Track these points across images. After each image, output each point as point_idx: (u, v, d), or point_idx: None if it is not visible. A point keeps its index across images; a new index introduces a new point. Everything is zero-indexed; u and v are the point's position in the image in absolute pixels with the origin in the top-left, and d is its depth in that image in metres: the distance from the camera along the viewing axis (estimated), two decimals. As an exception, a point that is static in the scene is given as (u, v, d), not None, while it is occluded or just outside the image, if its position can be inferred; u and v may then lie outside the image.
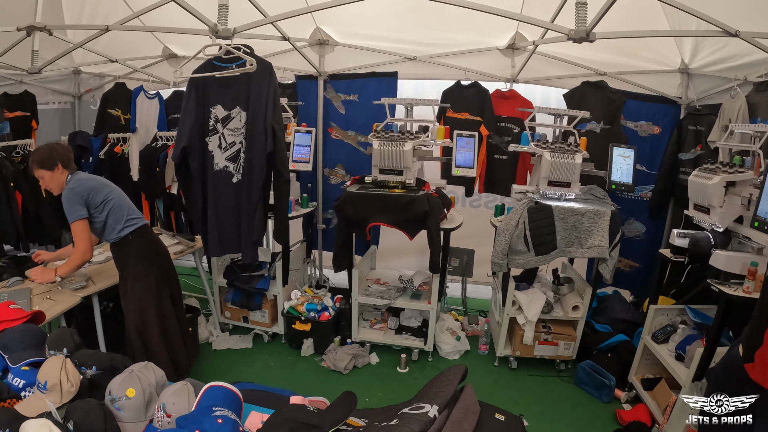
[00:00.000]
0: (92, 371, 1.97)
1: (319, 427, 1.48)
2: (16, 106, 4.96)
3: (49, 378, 1.85)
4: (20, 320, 2.33)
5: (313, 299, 4.17)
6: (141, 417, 1.78)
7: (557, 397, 3.60)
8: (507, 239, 3.52)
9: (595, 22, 2.53)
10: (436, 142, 3.88)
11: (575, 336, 3.77)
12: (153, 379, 1.86)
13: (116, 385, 1.80)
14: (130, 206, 3.11)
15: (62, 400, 1.82)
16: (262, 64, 3.20)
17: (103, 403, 1.77)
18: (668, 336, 3.25)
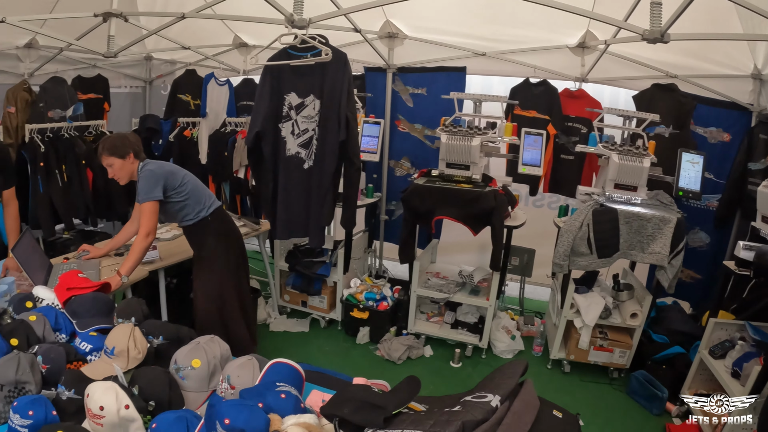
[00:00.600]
0: (159, 340, 2.03)
1: (383, 407, 1.49)
2: (90, 88, 5.16)
3: (117, 344, 1.91)
4: (89, 289, 2.43)
5: (373, 288, 4.22)
6: (204, 387, 1.83)
7: (607, 405, 3.53)
8: (570, 240, 3.47)
9: (671, 23, 2.46)
10: (503, 139, 3.84)
11: (631, 344, 3.68)
12: (218, 352, 1.90)
13: (182, 355, 1.86)
14: (206, 189, 3.20)
15: (128, 366, 1.87)
16: (337, 54, 3.23)
17: (168, 371, 1.82)
18: (726, 352, 3.13)
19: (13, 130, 4.42)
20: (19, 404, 1.55)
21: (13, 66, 4.61)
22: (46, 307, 2.27)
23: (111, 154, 2.89)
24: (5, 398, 1.66)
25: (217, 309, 3.14)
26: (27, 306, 2.27)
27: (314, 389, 1.87)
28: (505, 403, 1.48)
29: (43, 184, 4.21)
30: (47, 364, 1.79)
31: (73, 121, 4.58)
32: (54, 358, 1.82)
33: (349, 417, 1.46)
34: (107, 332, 2.05)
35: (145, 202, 2.87)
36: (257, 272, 5.06)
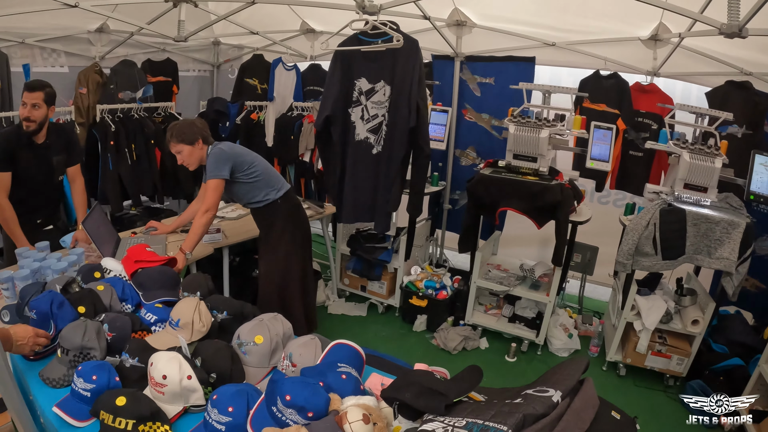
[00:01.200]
0: (223, 315, 2.06)
1: (444, 394, 1.48)
2: (159, 71, 5.32)
3: (183, 316, 1.95)
4: (156, 263, 2.49)
5: (433, 277, 4.21)
6: (264, 363, 1.84)
7: (660, 412, 3.43)
8: (635, 239, 3.36)
9: (749, 17, 2.34)
10: (572, 132, 3.74)
11: (690, 352, 3.54)
12: (281, 330, 1.92)
13: (246, 330, 1.88)
14: (276, 173, 3.24)
15: (192, 338, 1.90)
16: (408, 41, 3.22)
17: (230, 346, 1.85)
18: None
19: (84, 110, 4.60)
20: (83, 369, 1.61)
21: (85, 49, 4.78)
22: (113, 278, 2.34)
23: (180, 141, 2.93)
24: (70, 362, 1.73)
25: (278, 291, 3.19)
26: (95, 276, 2.35)
27: (374, 372, 1.88)
28: (565, 400, 1.45)
29: (113, 161, 4.38)
30: (113, 332, 1.85)
31: (142, 103, 4.74)
32: (119, 326, 1.87)
33: (411, 402, 1.46)
34: (172, 305, 2.11)
35: (210, 179, 2.91)
36: (318, 255, 5.12)
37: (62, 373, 1.73)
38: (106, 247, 2.90)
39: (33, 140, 2.99)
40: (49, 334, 1.87)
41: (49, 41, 4.50)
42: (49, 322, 1.90)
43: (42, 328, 1.88)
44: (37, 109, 2.91)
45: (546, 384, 1.55)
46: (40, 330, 1.84)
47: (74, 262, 2.51)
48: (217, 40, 5.77)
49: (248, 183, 3.05)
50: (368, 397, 1.56)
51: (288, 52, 5.05)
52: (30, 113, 2.89)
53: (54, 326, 1.89)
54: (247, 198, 3.15)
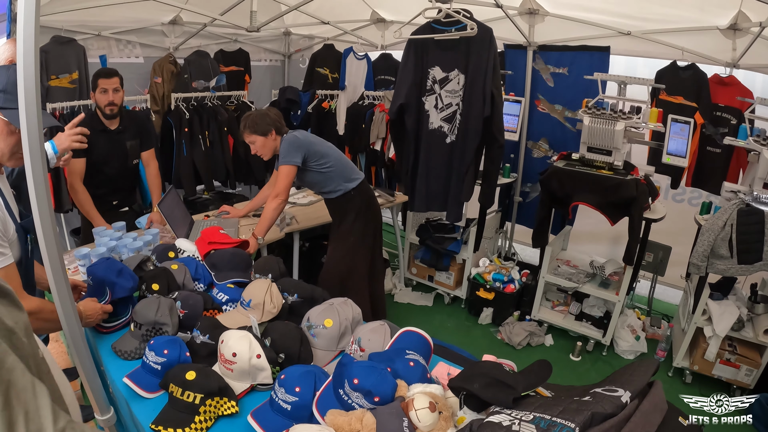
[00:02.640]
0: (293, 298, 2.09)
1: (513, 387, 1.46)
2: (231, 61, 5.45)
3: (254, 297, 1.99)
4: (229, 245, 2.56)
5: (501, 269, 4.18)
6: (332, 347, 1.87)
7: (724, 424, 3.28)
8: (710, 240, 3.22)
9: None
10: (647, 125, 3.61)
11: (760, 363, 3.36)
12: (350, 315, 1.94)
13: (316, 313, 1.91)
14: (350, 164, 3.27)
15: (262, 319, 1.95)
16: (482, 29, 3.20)
17: (300, 327, 1.88)
18: None
19: (159, 99, 4.76)
20: (156, 343, 1.67)
21: (159, 41, 4.95)
22: (187, 258, 2.42)
23: (253, 132, 2.98)
24: (142, 336, 1.80)
25: (341, 280, 3.22)
26: (169, 256, 2.44)
27: (441, 361, 1.88)
28: (634, 401, 1.42)
29: (187, 148, 4.54)
30: (185, 309, 1.92)
31: (215, 92, 4.88)
32: (192, 304, 1.94)
33: (479, 392, 1.45)
34: (243, 286, 2.16)
35: (282, 165, 2.96)
36: (387, 243, 5.14)
37: (134, 346, 1.81)
38: (181, 229, 3.00)
39: (107, 126, 3.14)
40: (110, 308, 1.94)
41: (125, 33, 4.67)
42: (104, 288, 1.97)
43: (97, 295, 1.96)
44: (117, 93, 3.08)
45: (615, 384, 1.52)
46: (106, 305, 1.92)
47: (149, 242, 2.62)
48: (288, 30, 5.86)
49: (321, 173, 3.09)
50: (435, 385, 1.57)
51: (359, 42, 5.09)
52: (113, 97, 3.05)
53: (110, 293, 1.96)
54: (319, 187, 3.21)
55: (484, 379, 1.52)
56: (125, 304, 2.02)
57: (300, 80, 5.85)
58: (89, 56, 4.32)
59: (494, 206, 4.62)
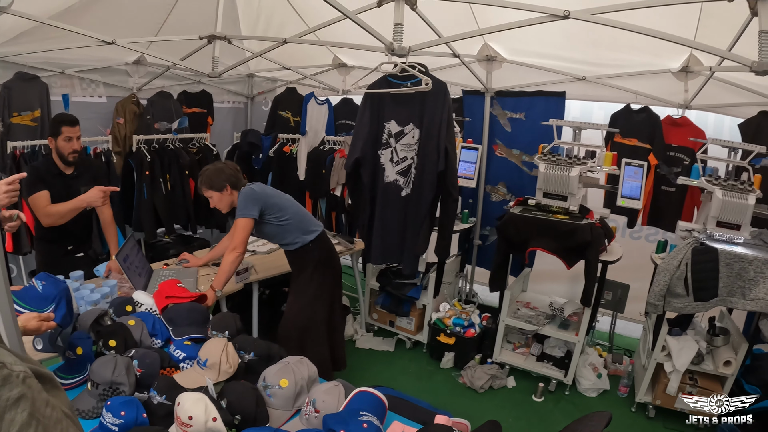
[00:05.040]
0: (250, 356, 2.09)
1: None
2: (194, 103, 5.45)
3: (211, 356, 1.99)
4: (187, 299, 2.54)
5: (461, 314, 4.20)
6: (289, 406, 1.88)
7: None
8: (666, 280, 3.29)
9: None
10: (602, 169, 3.72)
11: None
12: (306, 374, 1.95)
13: (271, 373, 1.92)
14: (309, 216, 3.29)
15: (219, 378, 1.94)
16: (437, 84, 3.26)
17: (256, 387, 1.89)
18: None
19: (121, 140, 4.73)
20: (112, 404, 1.66)
21: (123, 81, 4.91)
22: (144, 313, 2.41)
23: (209, 188, 3.02)
24: (99, 396, 1.80)
25: (299, 333, 3.20)
26: (127, 310, 2.42)
27: (395, 420, 1.90)
28: None
29: (148, 191, 4.51)
30: (142, 368, 1.91)
31: (178, 134, 4.87)
32: (149, 363, 1.94)
33: None
34: (201, 341, 2.16)
35: (239, 218, 2.96)
36: (348, 288, 5.13)
37: (92, 405, 1.80)
38: (139, 280, 2.98)
39: (62, 171, 3.14)
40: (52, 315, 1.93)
41: (88, 72, 4.64)
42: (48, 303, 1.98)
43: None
44: (79, 140, 3.11)
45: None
46: (42, 314, 1.90)
47: (107, 294, 2.61)
48: (252, 73, 5.89)
49: (278, 225, 3.10)
50: None
51: (320, 87, 5.13)
52: (77, 145, 3.09)
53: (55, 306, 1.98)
54: (278, 239, 3.21)
55: None
56: (83, 362, 2.00)
57: (262, 122, 5.86)
58: (52, 94, 4.30)
59: (454, 250, 4.64)
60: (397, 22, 2.87)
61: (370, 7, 2.94)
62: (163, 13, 4.22)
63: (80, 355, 1.99)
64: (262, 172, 5.20)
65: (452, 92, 4.58)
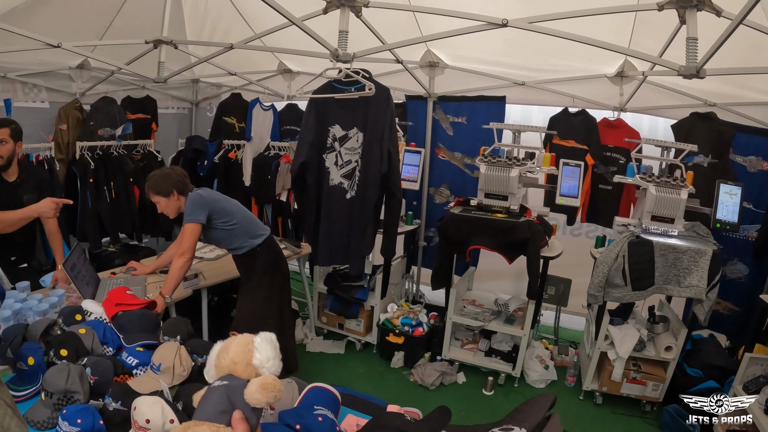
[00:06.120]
0: (203, 359, 2.07)
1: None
2: (139, 109, 5.36)
3: (164, 361, 1.98)
4: (136, 306, 2.51)
5: (409, 314, 4.28)
6: None
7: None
8: (605, 272, 3.47)
9: (706, 59, 2.45)
10: (541, 169, 3.87)
11: (665, 377, 3.65)
12: None
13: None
14: (256, 220, 3.30)
15: (173, 382, 1.94)
16: (380, 89, 3.33)
17: None
18: (760, 387, 3.04)
19: (64, 147, 4.62)
20: (68, 412, 1.63)
21: (66, 85, 4.80)
22: (94, 321, 2.36)
23: (156, 193, 3.00)
24: (54, 405, 1.76)
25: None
26: (76, 319, 2.36)
27: (349, 413, 1.93)
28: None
29: (92, 199, 4.41)
30: (96, 375, 1.87)
31: (122, 140, 4.77)
32: (102, 370, 1.90)
33: None
34: (152, 348, 2.14)
35: (187, 223, 2.96)
36: (296, 293, 5.08)
37: (46, 415, 1.75)
38: (87, 289, 2.93)
39: (4, 178, 3.05)
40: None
41: (31, 76, 4.52)
42: None
43: None
44: (4, 145, 2.98)
45: (512, 422, 1.62)
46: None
47: (55, 304, 2.55)
48: (197, 78, 5.84)
49: (226, 230, 3.10)
50: None
51: (265, 92, 5.12)
52: (2, 150, 2.97)
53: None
54: (226, 244, 3.21)
55: (387, 430, 1.59)
56: (34, 372, 1.96)
57: (207, 128, 5.81)
58: (-6, 99, 4.15)
59: (400, 252, 4.73)
60: (342, 29, 2.91)
61: (316, 14, 2.98)
62: (108, 15, 4.16)
63: (32, 365, 1.95)
64: (207, 178, 5.15)
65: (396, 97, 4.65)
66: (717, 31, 2.33)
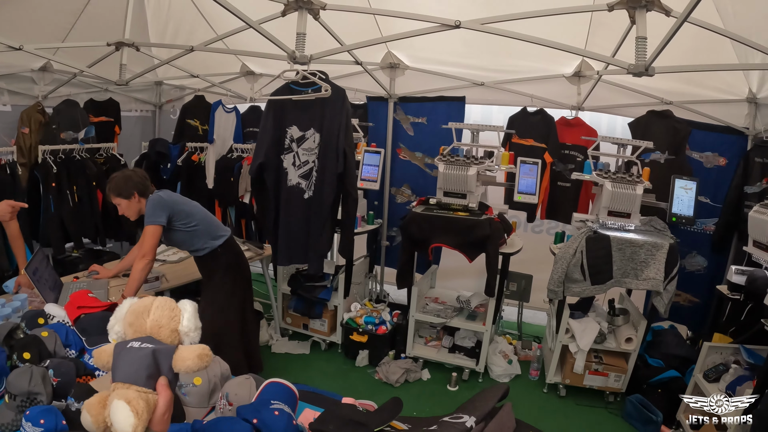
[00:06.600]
0: None
1: (365, 425, 1.59)
2: (101, 111, 5.31)
3: None
4: (98, 309, 2.51)
5: (372, 312, 4.32)
6: (204, 404, 1.92)
7: (603, 428, 3.59)
8: (564, 267, 3.55)
9: (654, 57, 2.53)
10: (500, 168, 3.94)
11: (626, 368, 3.74)
12: (218, 371, 1.99)
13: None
14: (216, 221, 3.32)
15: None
16: (336, 91, 3.37)
17: None
18: (720, 375, 3.16)
19: (26, 150, 4.56)
20: (31, 413, 1.64)
21: (28, 88, 4.75)
22: (57, 324, 2.36)
23: (117, 195, 3.00)
24: (17, 407, 1.76)
25: (213, 339, 3.13)
26: (39, 322, 2.37)
27: (307, 407, 1.96)
28: (480, 424, 1.56)
29: (55, 203, 4.37)
30: (58, 377, 1.88)
31: (84, 144, 4.73)
32: (64, 372, 1.91)
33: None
34: None
35: (147, 225, 2.97)
36: (260, 294, 5.14)
37: (10, 418, 1.75)
38: (49, 293, 2.90)
39: None
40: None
41: (-8, 79, 4.45)
42: None
43: None
44: None
45: (463, 411, 1.67)
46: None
47: (18, 308, 2.53)
48: (160, 80, 5.81)
49: (187, 232, 3.11)
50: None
51: (228, 94, 5.13)
52: None
53: None
54: (187, 246, 3.22)
55: (339, 420, 1.63)
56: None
57: (171, 131, 5.79)
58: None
59: (363, 252, 4.80)
60: (300, 32, 2.94)
61: (275, 17, 3.01)
62: (71, 17, 4.14)
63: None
64: (170, 181, 5.12)
65: (357, 98, 4.73)
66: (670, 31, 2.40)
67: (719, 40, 2.97)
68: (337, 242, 3.98)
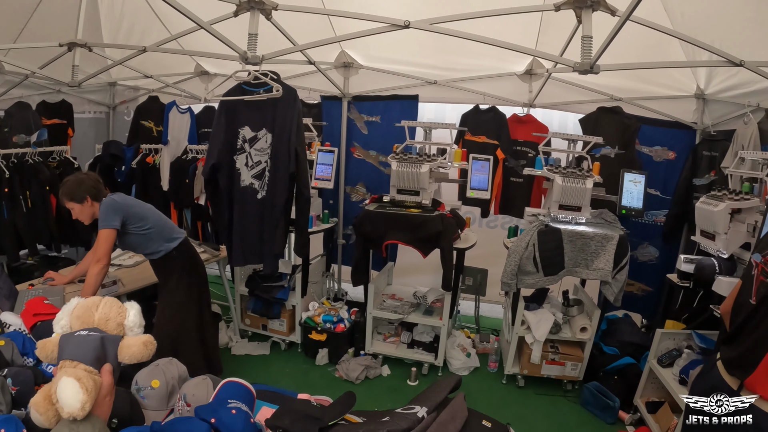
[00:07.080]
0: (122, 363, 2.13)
1: (319, 419, 1.64)
2: (54, 114, 5.22)
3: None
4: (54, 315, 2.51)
5: (330, 311, 4.34)
6: (163, 406, 1.92)
7: (562, 416, 3.69)
8: (516, 260, 3.64)
9: (598, 56, 2.61)
10: (453, 165, 4.01)
11: (582, 357, 3.85)
12: (176, 373, 2.00)
13: (142, 376, 1.95)
14: (171, 224, 3.30)
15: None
16: (287, 91, 3.39)
17: (129, 391, 1.92)
18: (673, 360, 3.26)
19: (-23, 155, 4.46)
20: None
21: (-21, 91, 4.63)
22: (13, 333, 2.32)
23: (69, 200, 2.97)
24: None
25: (171, 342, 3.18)
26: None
27: (264, 406, 1.99)
28: (432, 414, 1.62)
29: (8, 209, 4.27)
30: (16, 386, 1.86)
31: (37, 147, 4.63)
32: (23, 380, 1.89)
33: (289, 427, 1.61)
34: None
35: (101, 229, 2.94)
36: (218, 296, 5.11)
37: None
38: (4, 301, 2.87)
39: None
40: None
41: (-58, 81, 4.34)
42: None
43: None
44: None
45: (415, 402, 1.73)
46: None
47: None
48: (113, 81, 5.74)
49: (141, 235, 3.08)
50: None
51: (182, 95, 5.09)
52: None
53: None
54: (141, 249, 3.20)
55: (294, 415, 1.67)
56: None
57: (125, 133, 5.71)
58: None
59: (319, 251, 4.83)
60: (252, 32, 2.96)
61: (227, 17, 3.02)
62: (23, 17, 4.07)
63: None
64: (125, 184, 5.05)
65: (311, 98, 4.74)
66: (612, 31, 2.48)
67: (668, 39, 3.06)
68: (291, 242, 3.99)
